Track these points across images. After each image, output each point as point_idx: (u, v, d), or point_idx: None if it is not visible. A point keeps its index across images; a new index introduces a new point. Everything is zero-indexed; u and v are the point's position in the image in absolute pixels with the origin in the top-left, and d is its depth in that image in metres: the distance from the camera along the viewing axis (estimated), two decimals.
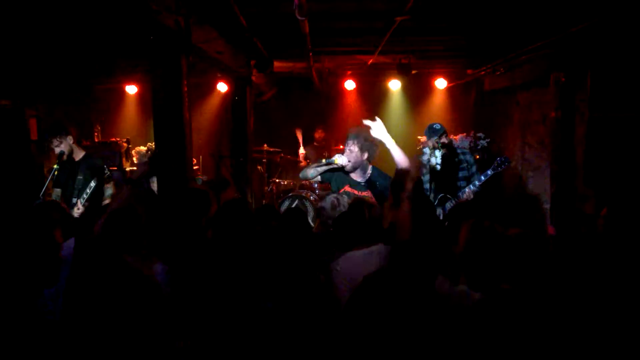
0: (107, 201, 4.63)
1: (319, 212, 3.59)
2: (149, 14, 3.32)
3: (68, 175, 4.86)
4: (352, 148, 4.08)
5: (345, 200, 3.51)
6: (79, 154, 4.87)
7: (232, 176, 6.94)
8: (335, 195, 3.60)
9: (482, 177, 4.44)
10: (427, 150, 4.55)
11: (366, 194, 3.99)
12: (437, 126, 4.71)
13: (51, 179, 4.79)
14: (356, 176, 4.16)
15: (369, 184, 4.11)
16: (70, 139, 4.75)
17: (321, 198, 3.90)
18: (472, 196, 4.41)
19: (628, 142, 4.82)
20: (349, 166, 4.10)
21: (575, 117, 5.29)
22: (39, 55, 5.80)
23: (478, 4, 4.23)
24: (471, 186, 4.45)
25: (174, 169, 3.79)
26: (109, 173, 4.81)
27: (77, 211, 4.52)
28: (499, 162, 4.48)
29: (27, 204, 5.43)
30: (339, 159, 4.06)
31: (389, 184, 3.79)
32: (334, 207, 3.42)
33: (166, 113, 3.78)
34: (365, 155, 4.09)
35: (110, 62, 6.71)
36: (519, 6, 4.27)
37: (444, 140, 4.58)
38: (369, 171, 4.16)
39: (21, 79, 6.46)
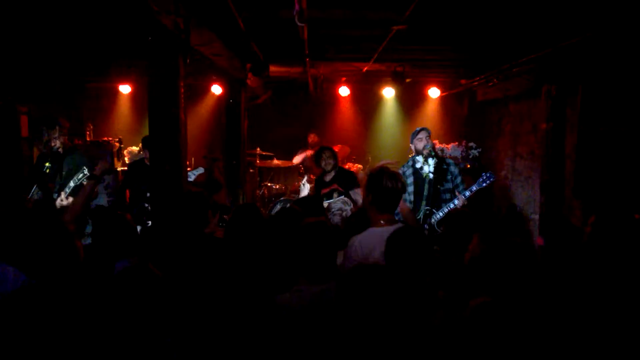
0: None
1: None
2: (149, 14, 3.33)
3: (55, 171, 4.82)
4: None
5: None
6: (64, 149, 4.85)
7: (225, 179, 6.94)
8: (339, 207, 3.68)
9: (467, 193, 4.38)
10: (419, 158, 4.55)
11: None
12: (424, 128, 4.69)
13: (46, 176, 4.75)
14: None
15: None
16: (64, 135, 4.73)
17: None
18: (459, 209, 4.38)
19: (617, 155, 4.90)
20: None
21: (566, 129, 5.37)
22: (33, 52, 5.76)
23: (473, 16, 4.30)
24: (455, 200, 4.39)
25: (168, 170, 3.79)
26: (88, 174, 4.56)
27: (60, 203, 4.30)
28: (484, 177, 4.44)
29: (19, 201, 5.36)
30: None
31: None
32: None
33: (162, 114, 3.78)
34: None
35: (105, 61, 6.68)
36: (513, 19, 4.34)
37: (435, 148, 4.60)
38: None
39: (13, 76, 6.42)
